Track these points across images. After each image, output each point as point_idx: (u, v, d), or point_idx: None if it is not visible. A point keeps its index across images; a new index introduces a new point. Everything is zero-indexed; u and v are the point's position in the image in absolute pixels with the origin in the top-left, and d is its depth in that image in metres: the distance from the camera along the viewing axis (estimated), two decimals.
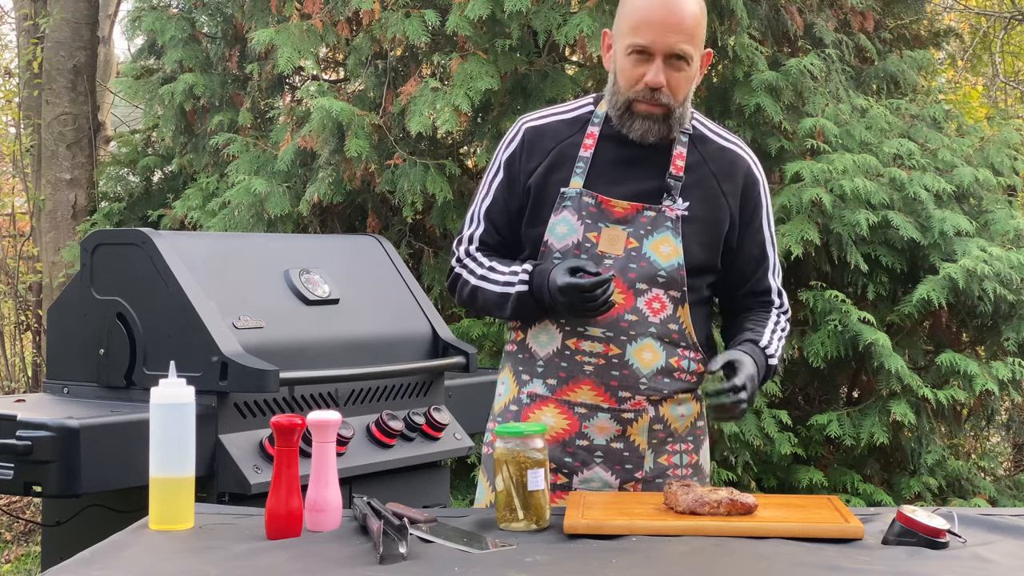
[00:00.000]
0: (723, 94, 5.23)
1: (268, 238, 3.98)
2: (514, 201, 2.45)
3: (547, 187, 2.40)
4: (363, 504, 2.09)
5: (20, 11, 8.13)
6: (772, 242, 2.49)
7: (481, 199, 2.49)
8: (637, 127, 2.36)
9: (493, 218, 2.47)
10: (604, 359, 2.35)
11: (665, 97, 2.32)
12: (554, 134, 2.44)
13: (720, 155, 2.44)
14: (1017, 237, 5.00)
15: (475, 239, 2.48)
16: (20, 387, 8.11)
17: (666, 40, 2.30)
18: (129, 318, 3.05)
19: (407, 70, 5.32)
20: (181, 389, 2.09)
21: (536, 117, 2.49)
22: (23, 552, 6.44)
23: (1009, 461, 6.89)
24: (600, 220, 2.36)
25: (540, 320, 2.40)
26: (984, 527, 2.08)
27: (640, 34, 2.31)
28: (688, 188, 2.38)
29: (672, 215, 2.36)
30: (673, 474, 2.41)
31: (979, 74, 9.65)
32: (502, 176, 2.47)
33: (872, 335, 4.60)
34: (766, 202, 2.47)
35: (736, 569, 1.84)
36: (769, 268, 2.49)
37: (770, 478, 4.83)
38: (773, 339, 2.44)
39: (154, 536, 2.04)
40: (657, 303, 2.35)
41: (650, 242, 2.35)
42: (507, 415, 2.45)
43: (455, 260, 2.51)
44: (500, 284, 2.40)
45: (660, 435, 2.40)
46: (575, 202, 2.37)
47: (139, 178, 6.59)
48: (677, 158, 2.39)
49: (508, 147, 2.47)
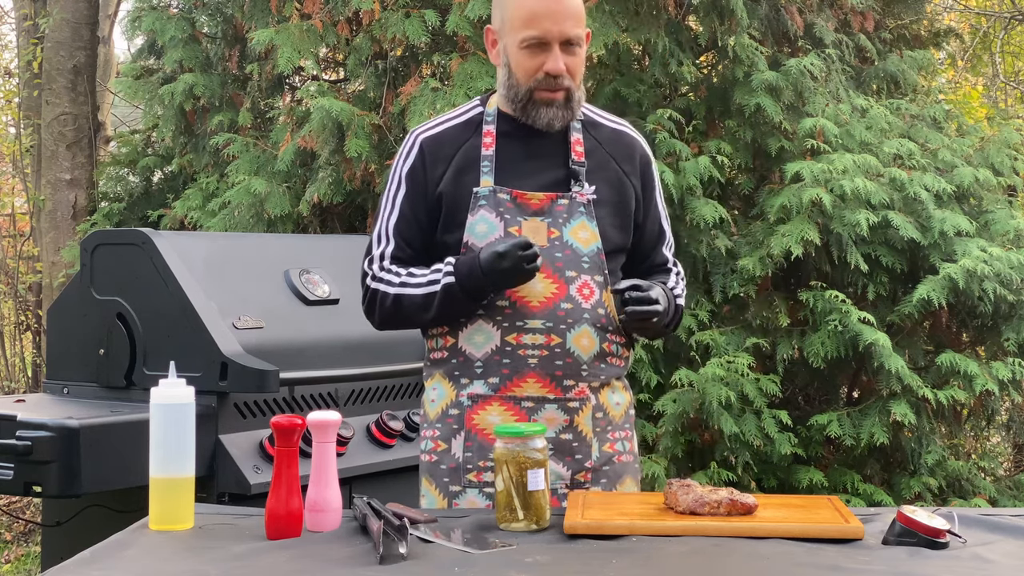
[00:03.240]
0: (723, 94, 5.23)
1: (268, 238, 3.98)
2: (423, 212, 2.44)
3: (458, 190, 2.42)
4: (363, 504, 2.09)
5: (20, 11, 8.14)
6: (666, 217, 2.61)
7: (386, 217, 2.47)
8: (543, 115, 2.40)
9: (402, 232, 2.46)
10: (547, 350, 2.38)
11: (566, 81, 2.38)
12: (452, 139, 2.46)
13: (615, 138, 2.52)
14: (1017, 237, 5.00)
15: (386, 256, 2.46)
16: (20, 387, 8.11)
17: (560, 28, 2.35)
18: (129, 318, 3.05)
19: (407, 70, 5.32)
20: (181, 389, 2.09)
21: (428, 127, 2.50)
22: (23, 552, 6.44)
23: (1009, 461, 6.89)
24: (518, 214, 2.40)
25: (471, 320, 2.40)
26: (984, 527, 2.08)
27: (533, 26, 2.35)
28: (591, 173, 2.45)
29: (583, 200, 2.42)
30: (618, 461, 2.45)
31: (979, 74, 9.65)
32: (405, 189, 2.46)
33: (872, 335, 4.60)
34: (658, 179, 2.58)
35: (736, 569, 1.84)
36: (665, 243, 2.60)
37: (770, 478, 4.83)
38: (679, 283, 2.59)
39: (154, 536, 2.04)
40: (587, 289, 2.40)
41: (569, 229, 2.41)
42: (447, 420, 2.43)
43: (369, 279, 2.46)
44: (423, 285, 2.39)
45: (601, 423, 2.44)
46: (490, 200, 2.40)
47: (139, 178, 6.60)
48: (575, 144, 2.45)
49: (406, 160, 2.47)
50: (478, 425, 2.40)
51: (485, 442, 2.38)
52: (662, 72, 5.06)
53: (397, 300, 2.42)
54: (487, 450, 2.38)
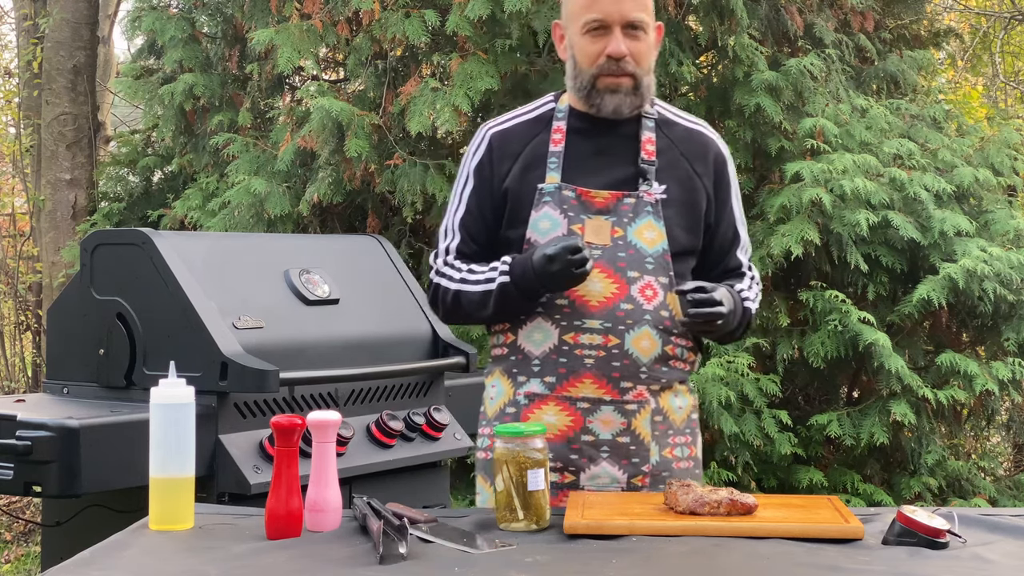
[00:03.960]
0: (723, 94, 5.23)
1: (268, 238, 3.98)
2: (488, 207, 2.44)
3: (524, 187, 2.40)
4: (363, 504, 2.09)
5: (20, 11, 8.14)
6: (743, 220, 2.54)
7: (453, 211, 2.48)
8: (608, 102, 2.38)
9: (468, 227, 2.46)
10: (604, 350, 2.35)
11: (630, 66, 2.35)
12: (520, 135, 2.45)
13: (688, 137, 2.46)
14: (1017, 237, 5.00)
15: (451, 250, 2.47)
16: (20, 387, 8.11)
17: (620, 9, 2.33)
18: (129, 318, 3.05)
19: (407, 70, 5.32)
20: (181, 389, 2.09)
21: (499, 122, 2.50)
22: (23, 552, 6.44)
23: (1009, 461, 6.89)
24: (582, 212, 2.37)
25: (530, 317, 2.39)
26: (984, 527, 2.08)
27: (593, 9, 2.34)
28: (662, 172, 2.40)
29: (651, 199, 2.38)
30: (676, 467, 2.41)
31: (979, 74, 9.65)
32: (472, 184, 2.46)
33: (872, 335, 4.60)
34: (734, 181, 2.51)
35: (736, 569, 1.84)
36: (740, 246, 2.54)
37: (770, 478, 4.83)
38: (753, 287, 2.52)
39: (154, 536, 2.04)
40: (650, 290, 2.37)
41: (634, 228, 2.37)
42: (504, 418, 2.44)
43: (433, 273, 2.49)
44: (481, 283, 2.39)
45: (661, 427, 2.40)
46: (555, 197, 2.38)
47: (139, 178, 6.60)
48: (646, 143, 2.41)
49: (475, 155, 2.47)
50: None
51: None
52: (662, 72, 5.06)
53: (456, 296, 2.42)
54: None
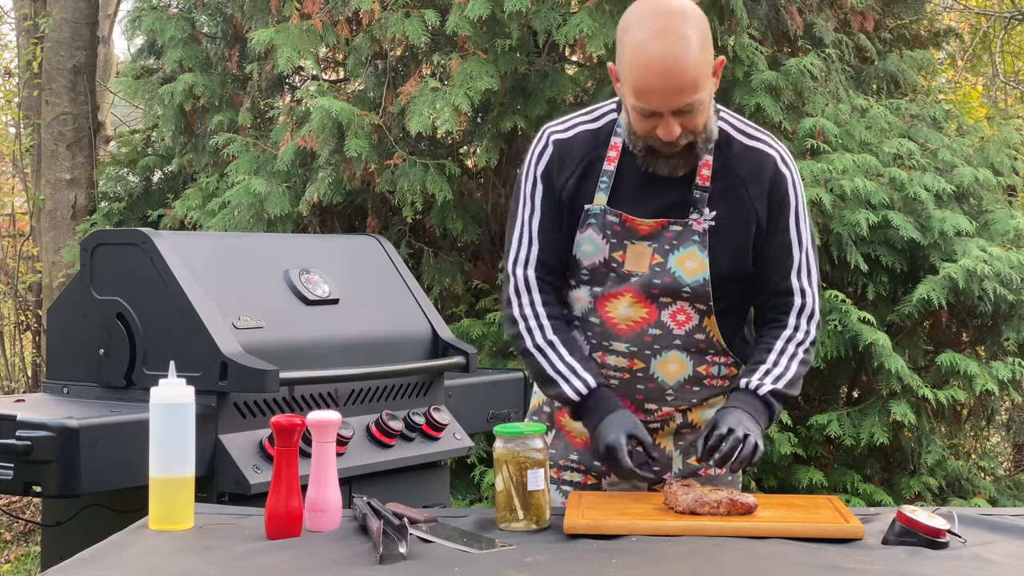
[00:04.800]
0: (723, 94, 5.22)
1: (268, 238, 3.98)
2: (558, 213, 2.37)
3: (576, 200, 2.35)
4: (363, 504, 2.09)
5: (20, 11, 8.13)
6: (800, 241, 2.37)
7: (528, 215, 2.39)
8: (662, 166, 2.28)
9: (545, 232, 2.38)
10: (629, 373, 2.35)
11: (684, 139, 2.24)
12: (581, 146, 2.37)
13: (745, 156, 2.34)
14: (1017, 237, 5.00)
15: (531, 261, 2.38)
16: (20, 387, 8.11)
17: (670, 103, 2.19)
18: (129, 318, 3.05)
19: (407, 70, 5.32)
20: (181, 389, 2.09)
21: (561, 128, 2.41)
22: (23, 552, 6.44)
23: (1009, 461, 6.89)
24: (625, 238, 2.32)
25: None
26: (984, 527, 2.08)
27: (643, 100, 2.20)
28: (715, 196, 2.31)
29: (699, 228, 2.30)
30: (704, 474, 2.37)
31: (979, 74, 9.65)
32: (542, 188, 2.37)
33: (872, 335, 4.60)
34: (795, 200, 2.36)
35: (736, 569, 1.84)
36: (793, 268, 2.37)
37: (770, 478, 4.83)
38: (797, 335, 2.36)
39: (154, 536, 2.04)
40: (682, 315, 2.33)
41: (675, 257, 2.31)
42: (541, 415, 2.49)
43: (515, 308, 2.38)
44: (556, 372, 2.33)
45: (687, 437, 2.39)
46: (599, 220, 2.33)
47: (139, 178, 6.59)
48: (703, 167, 2.31)
49: (540, 160, 2.38)
50: (566, 426, 2.43)
51: (571, 443, 2.42)
52: None
53: (526, 352, 2.37)
54: (570, 450, 2.42)
